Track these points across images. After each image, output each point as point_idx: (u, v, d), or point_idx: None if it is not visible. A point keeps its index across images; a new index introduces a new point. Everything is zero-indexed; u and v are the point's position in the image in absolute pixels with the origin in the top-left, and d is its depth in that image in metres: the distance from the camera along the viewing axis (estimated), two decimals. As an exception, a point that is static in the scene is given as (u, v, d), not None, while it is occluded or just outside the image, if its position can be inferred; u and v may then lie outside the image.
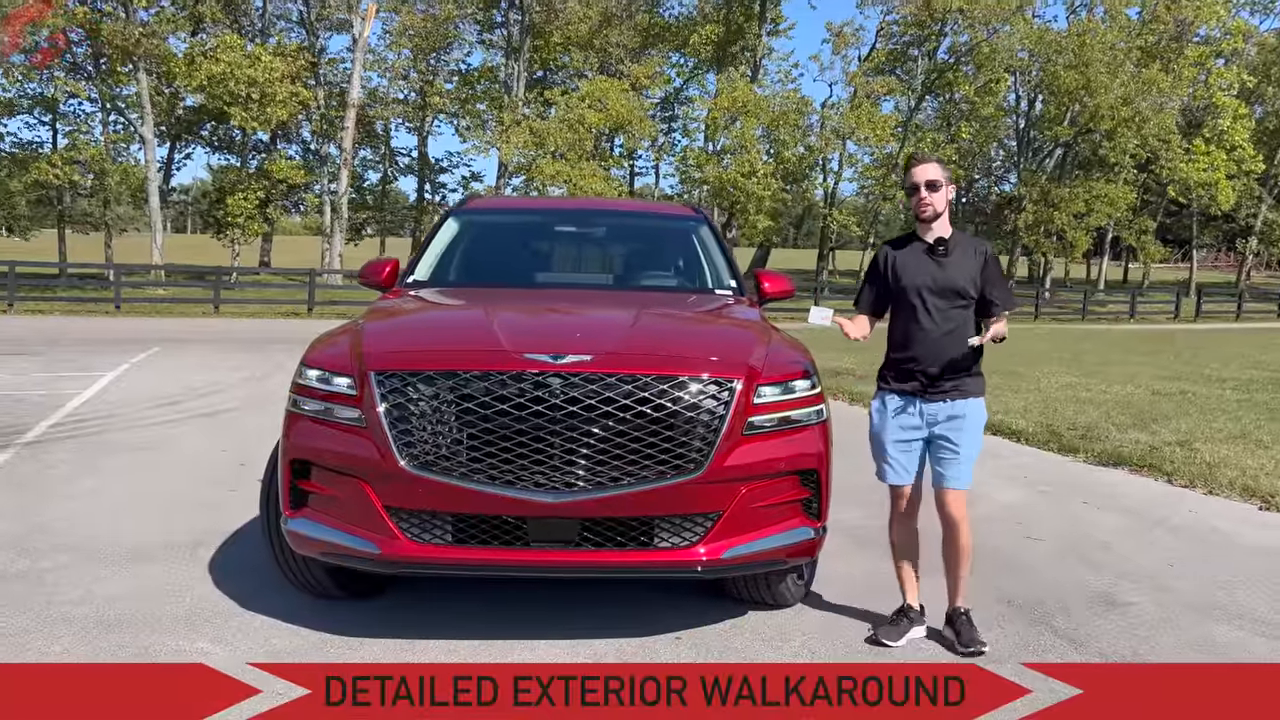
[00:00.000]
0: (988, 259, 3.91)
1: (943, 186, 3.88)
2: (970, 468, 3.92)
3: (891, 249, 4.07)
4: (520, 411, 3.45)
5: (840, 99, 42.26)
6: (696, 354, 3.77)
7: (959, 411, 3.88)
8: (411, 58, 41.56)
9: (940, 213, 3.90)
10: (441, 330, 4.26)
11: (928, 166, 3.90)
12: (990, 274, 3.89)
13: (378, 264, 5.22)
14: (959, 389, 3.89)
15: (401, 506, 3.53)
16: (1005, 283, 3.97)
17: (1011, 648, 3.96)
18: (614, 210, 6.84)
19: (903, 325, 3.94)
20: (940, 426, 3.89)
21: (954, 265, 3.87)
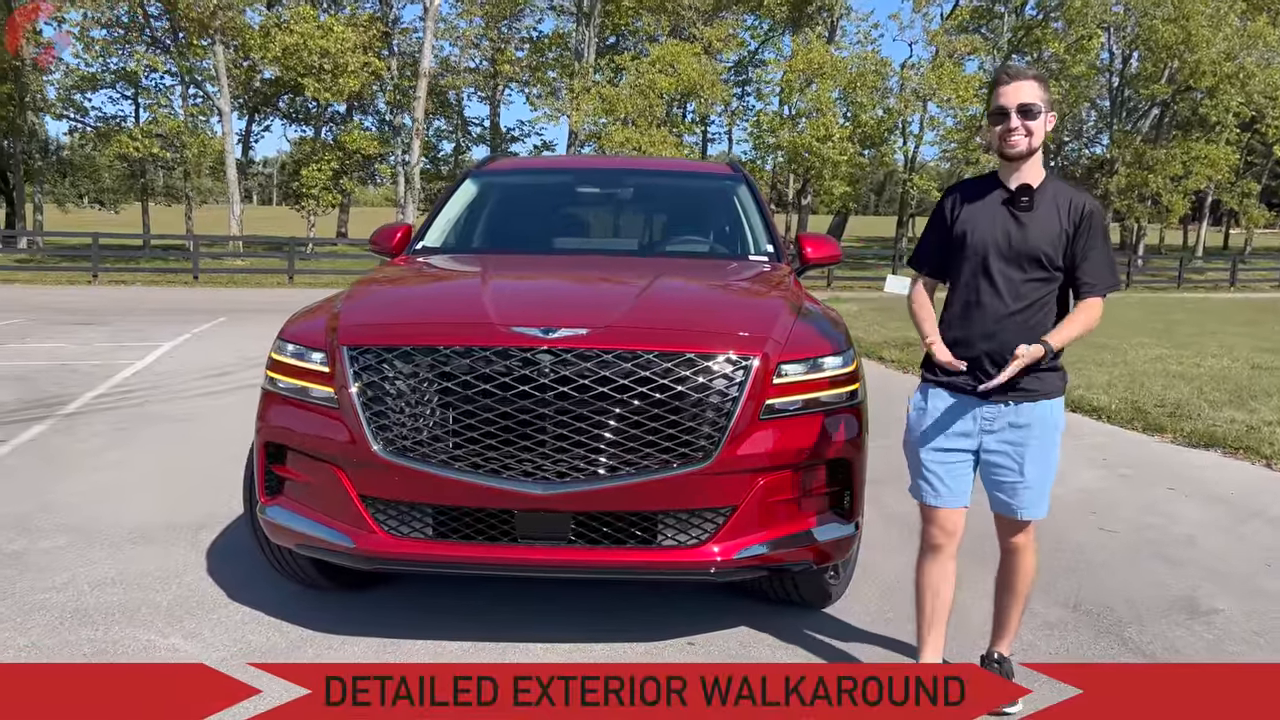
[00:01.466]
0: (1085, 219, 2.90)
1: (1041, 114, 2.88)
2: (1044, 494, 3.04)
3: (961, 193, 3.09)
4: (506, 392, 3.07)
5: (921, 59, 40.72)
6: (707, 327, 3.33)
7: (1025, 419, 2.96)
8: (483, 25, 41.32)
9: (1034, 149, 2.92)
10: (425, 301, 3.87)
11: (1023, 85, 2.87)
12: (1087, 242, 2.91)
13: (389, 229, 4.90)
14: (1027, 389, 2.95)
15: (378, 496, 3.20)
16: (1107, 256, 2.96)
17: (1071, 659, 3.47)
18: (644, 169, 6.19)
19: (962, 297, 3.02)
20: (998, 437, 2.99)
21: (1037, 223, 2.92)
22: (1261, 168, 48.47)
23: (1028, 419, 2.97)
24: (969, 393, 2.98)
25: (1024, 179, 2.96)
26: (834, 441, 3.30)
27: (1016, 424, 2.98)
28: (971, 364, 2.96)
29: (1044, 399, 2.98)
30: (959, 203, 3.07)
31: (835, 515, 3.35)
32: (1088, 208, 2.95)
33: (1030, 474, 2.99)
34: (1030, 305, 2.95)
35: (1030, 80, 2.90)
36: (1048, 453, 3.00)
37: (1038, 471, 2.99)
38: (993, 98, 2.96)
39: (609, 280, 4.04)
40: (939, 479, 3.05)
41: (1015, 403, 2.97)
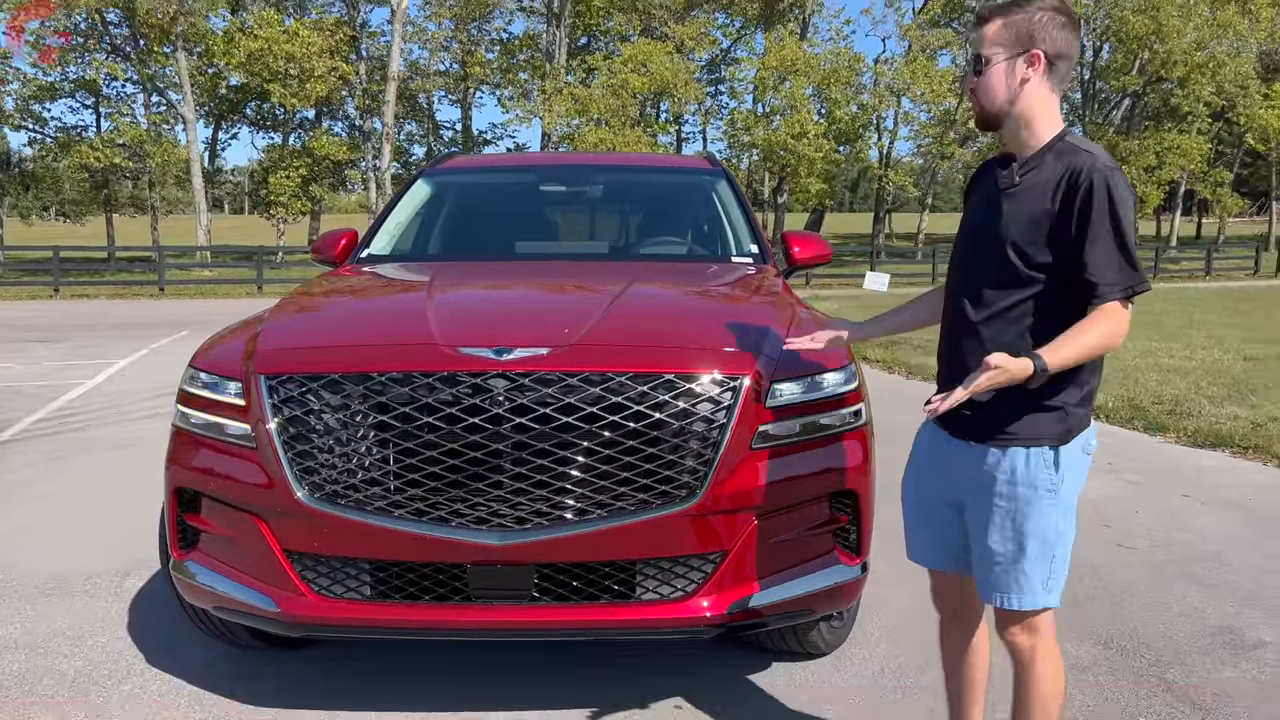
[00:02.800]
0: (1079, 190, 2.08)
1: (997, 61, 2.18)
2: (1033, 573, 2.21)
3: (976, 175, 2.48)
4: (453, 425, 2.60)
5: (894, 54, 40.47)
6: (687, 342, 2.86)
7: (996, 469, 2.20)
8: (452, 28, 40.74)
9: (990, 111, 2.22)
10: (359, 319, 3.35)
11: (979, 32, 2.24)
12: (1086, 223, 2.08)
13: (333, 236, 4.41)
14: (999, 429, 2.20)
15: (305, 551, 2.71)
16: (1119, 241, 2.08)
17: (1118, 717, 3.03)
18: (615, 165, 5.69)
19: (944, 304, 2.42)
20: (966, 490, 2.29)
21: (1014, 205, 2.19)
22: (1232, 157, 48.59)
23: (992, 470, 2.21)
24: (945, 428, 2.35)
25: (1014, 148, 2.26)
26: (838, 470, 2.85)
27: (979, 476, 2.24)
28: (942, 391, 2.30)
29: (1020, 446, 2.19)
30: (971, 188, 2.46)
31: (841, 556, 2.90)
32: (1086, 172, 2.08)
33: (996, 546, 2.22)
34: (994, 317, 2.20)
35: (993, 20, 2.20)
36: (1022, 521, 2.19)
37: (1004, 545, 2.21)
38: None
39: (575, 289, 3.57)
40: (912, 529, 2.51)
41: (978, 445, 2.24)
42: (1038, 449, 2.19)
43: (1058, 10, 2.18)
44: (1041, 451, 2.19)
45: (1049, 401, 2.18)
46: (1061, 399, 2.19)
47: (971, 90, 2.25)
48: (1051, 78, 2.20)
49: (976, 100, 2.25)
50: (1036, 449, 2.19)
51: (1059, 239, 2.13)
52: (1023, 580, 2.21)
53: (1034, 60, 2.17)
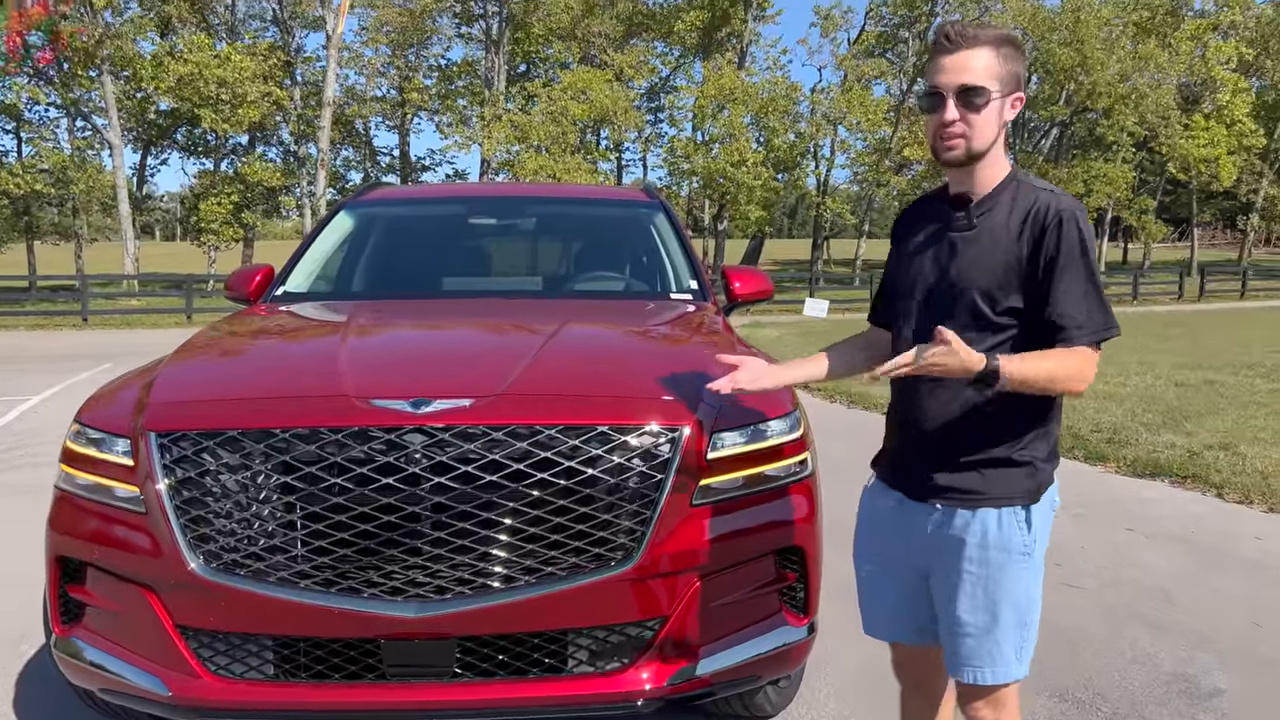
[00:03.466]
0: (1049, 229, 1.94)
1: (993, 100, 1.97)
2: (1005, 644, 2.06)
3: (908, 216, 2.27)
4: (365, 486, 2.37)
5: (830, 83, 41.12)
6: (623, 391, 2.66)
7: (958, 533, 2.05)
8: (389, 54, 40.40)
9: (977, 153, 2.01)
10: (265, 368, 3.06)
11: (969, 56, 1.96)
12: (1055, 263, 1.94)
13: (247, 272, 4.15)
14: (962, 488, 2.04)
15: (201, 627, 2.45)
16: (1088, 283, 1.95)
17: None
18: (548, 197, 5.41)
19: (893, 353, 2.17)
20: (928, 555, 2.13)
21: (975, 249, 2.01)
22: (1155, 185, 50.10)
23: (960, 534, 2.04)
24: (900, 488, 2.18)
25: (965, 187, 2.07)
26: (784, 525, 2.67)
27: (945, 540, 2.07)
28: (893, 455, 2.20)
29: (989, 505, 2.02)
30: (904, 229, 2.24)
31: (789, 616, 2.71)
32: (1054, 211, 1.94)
33: (966, 616, 2.05)
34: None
35: (983, 47, 1.96)
36: (995, 588, 2.03)
37: (976, 615, 2.04)
38: (927, 72, 2.04)
39: (503, 331, 3.35)
40: (868, 602, 2.32)
41: (943, 507, 2.06)
42: (1009, 509, 2.04)
43: (1021, 49, 2.05)
44: (1013, 511, 2.04)
45: (1018, 456, 2.04)
46: (1030, 453, 2.05)
47: (947, 123, 1.99)
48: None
49: (965, 136, 1.99)
50: (1008, 509, 2.04)
51: (1029, 282, 1.98)
52: (995, 652, 2.06)
53: (1017, 104, 2.03)
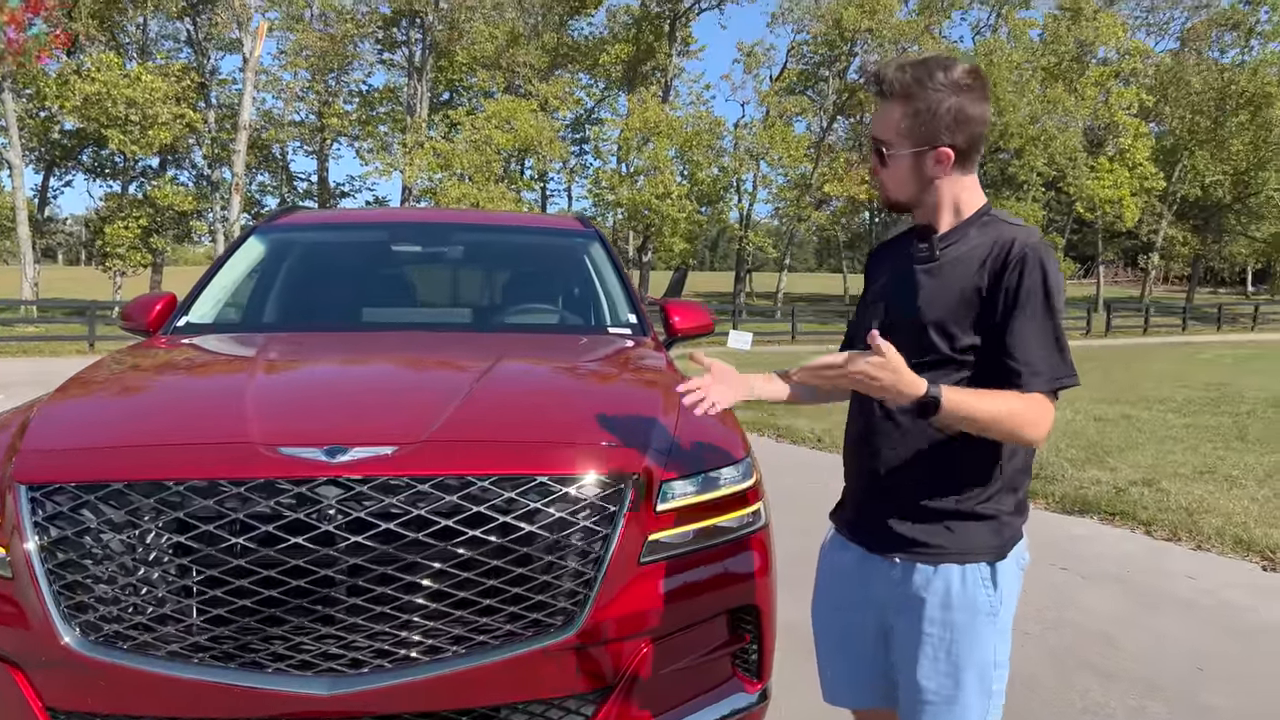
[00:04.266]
0: (1009, 265, 1.81)
1: (901, 154, 1.89)
2: (969, 712, 1.90)
3: (878, 252, 2.16)
4: (271, 546, 2.09)
5: (753, 119, 41.67)
6: (564, 436, 2.43)
7: (918, 589, 1.89)
8: (309, 78, 39.64)
9: (901, 201, 1.95)
10: (159, 410, 2.66)
11: (886, 109, 1.89)
12: (1013, 301, 1.80)
13: (147, 300, 3.81)
14: (922, 543, 1.89)
15: (75, 709, 2.13)
16: (1048, 327, 1.80)
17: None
18: (477, 224, 5.03)
19: (852, 396, 2.06)
20: (890, 613, 1.96)
21: (936, 282, 1.90)
22: (1063, 224, 51.88)
23: (920, 591, 1.88)
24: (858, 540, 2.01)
25: (929, 220, 1.95)
26: (737, 582, 2.46)
27: (906, 598, 1.90)
28: (852, 506, 2.04)
29: (951, 561, 1.87)
30: (873, 267, 2.14)
31: (742, 681, 2.50)
32: (1018, 247, 1.81)
33: (926, 681, 1.89)
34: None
35: (889, 101, 1.88)
36: (959, 651, 1.87)
37: (937, 680, 1.88)
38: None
39: (430, 369, 3.08)
40: (828, 666, 2.13)
41: (903, 561, 1.90)
42: (973, 565, 1.88)
43: (966, 88, 1.86)
44: (978, 568, 1.88)
45: (982, 509, 1.88)
46: (995, 506, 1.89)
47: (873, 171, 1.98)
48: (966, 162, 1.91)
49: (882, 186, 1.96)
50: (972, 565, 1.88)
51: (986, 320, 1.83)
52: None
53: (942, 158, 1.88)
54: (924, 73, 1.85)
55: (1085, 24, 43.58)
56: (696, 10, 40.70)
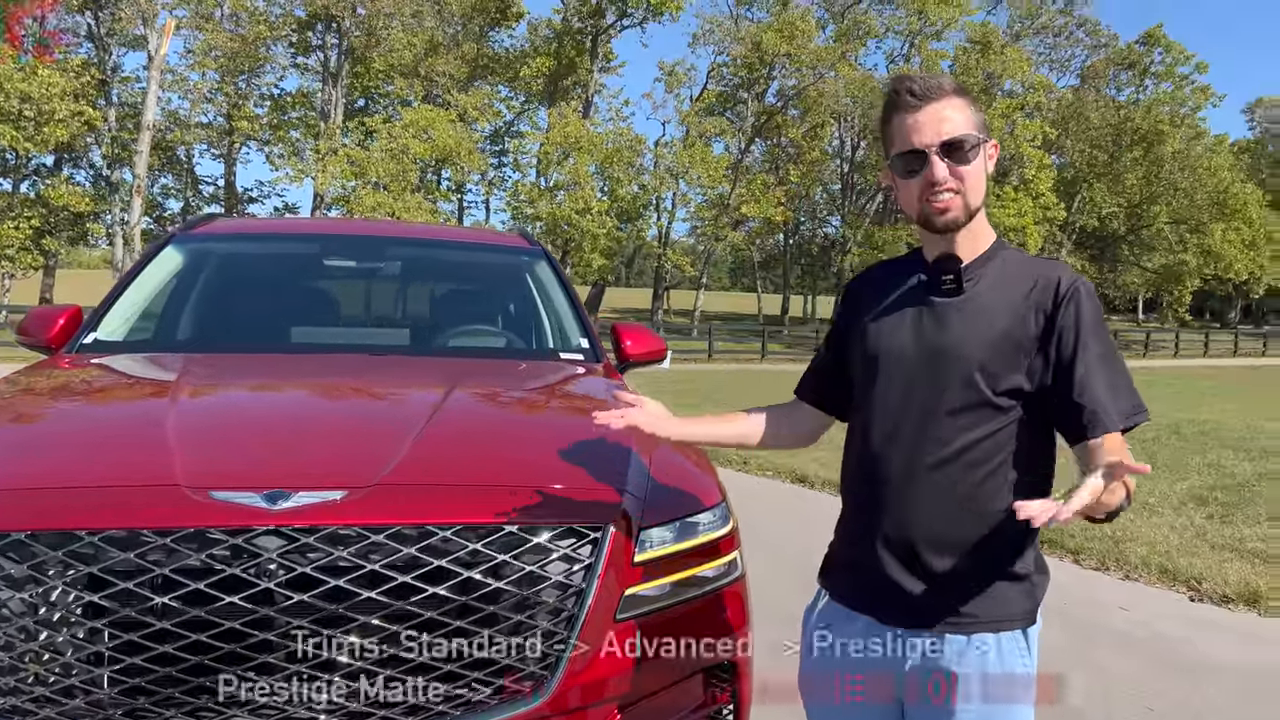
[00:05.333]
0: (1066, 302, 1.70)
1: (978, 146, 1.74)
2: None
3: (866, 283, 1.96)
4: (199, 607, 1.82)
5: (674, 138, 41.88)
6: (534, 480, 2.20)
7: (954, 663, 1.73)
8: (218, 79, 38.35)
9: (976, 209, 1.76)
10: (66, 445, 2.30)
11: (942, 108, 1.72)
12: (1077, 341, 1.68)
13: (48, 314, 3.44)
14: (962, 612, 1.73)
15: (-40, 801, 1.83)
16: (1113, 367, 1.70)
17: None
18: (417, 238, 4.63)
19: (859, 445, 1.86)
20: (908, 692, 1.80)
21: (969, 315, 1.74)
22: (970, 250, 53.49)
23: (953, 665, 1.73)
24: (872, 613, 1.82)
25: (951, 249, 1.79)
26: (716, 638, 2.26)
27: (943, 670, 1.74)
28: (870, 564, 1.80)
29: (987, 630, 1.73)
30: (862, 298, 1.92)
31: (717, 748, 2.31)
32: (1067, 284, 1.71)
33: None
34: (953, 459, 1.71)
35: (950, 98, 1.74)
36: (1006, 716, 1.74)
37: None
38: (894, 135, 1.77)
39: (376, 399, 2.82)
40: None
41: (947, 634, 1.73)
42: (1009, 633, 1.73)
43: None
44: (1014, 636, 1.74)
45: (1016, 570, 1.73)
46: (1025, 566, 1.76)
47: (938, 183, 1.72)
48: None
49: (959, 193, 1.73)
50: (1008, 633, 1.73)
51: (1038, 361, 1.70)
52: None
53: (993, 153, 1.80)
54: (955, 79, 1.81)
55: (993, 57, 45.06)
56: (619, 28, 40.76)
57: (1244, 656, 4.65)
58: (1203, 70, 53.58)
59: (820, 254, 56.74)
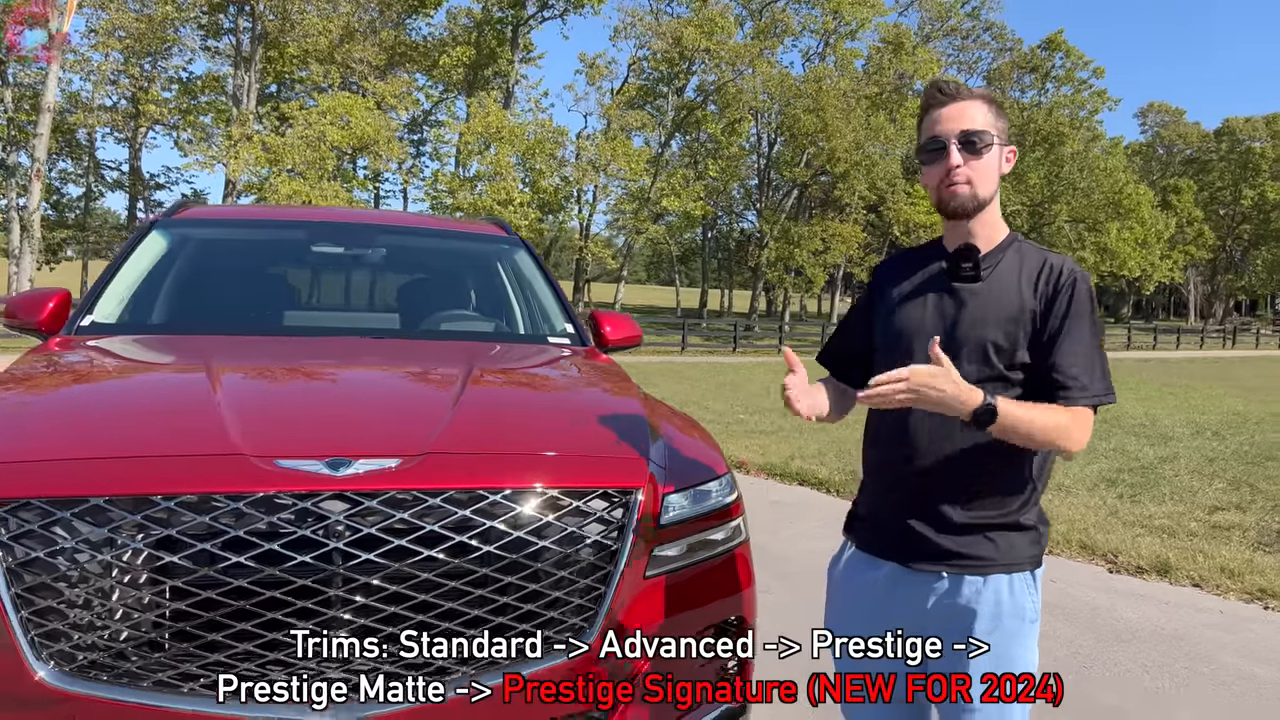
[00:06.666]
0: (1062, 289, 1.94)
1: (993, 146, 1.99)
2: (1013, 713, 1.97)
3: (890, 268, 2.19)
4: (269, 566, 1.95)
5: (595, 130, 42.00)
6: (570, 448, 2.39)
7: (967, 601, 1.96)
8: (123, 61, 37.03)
9: (983, 200, 1.99)
10: (125, 419, 2.39)
11: (966, 107, 1.98)
12: (1065, 323, 1.93)
13: (35, 297, 3.46)
14: (970, 555, 1.96)
15: (38, 753, 1.91)
16: (1094, 347, 1.94)
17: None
18: (395, 226, 4.70)
19: (877, 415, 2.10)
20: (934, 630, 2.00)
21: (985, 299, 1.98)
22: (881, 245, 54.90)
23: (971, 601, 1.95)
24: (891, 556, 2.03)
25: (968, 240, 2.03)
26: (727, 594, 2.48)
27: (953, 609, 1.96)
28: (889, 511, 2.04)
29: (1000, 572, 1.96)
30: (886, 282, 2.16)
31: (726, 693, 2.51)
32: (1067, 272, 1.96)
33: (979, 692, 1.95)
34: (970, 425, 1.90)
35: (976, 100, 1.99)
36: (1010, 657, 1.96)
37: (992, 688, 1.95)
38: (923, 127, 2.04)
39: (402, 377, 2.95)
40: (850, 690, 2.12)
41: (949, 574, 1.96)
42: (1019, 574, 1.98)
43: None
44: (1024, 577, 1.99)
45: (1023, 520, 1.99)
46: (1033, 518, 2.01)
47: (953, 168, 1.96)
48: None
49: (966, 186, 1.97)
50: (1019, 574, 1.98)
51: (1036, 337, 1.95)
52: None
53: (1010, 157, 2.04)
54: (988, 89, 2.02)
55: (905, 57, 46.36)
56: (540, 19, 40.65)
57: (1162, 621, 5.06)
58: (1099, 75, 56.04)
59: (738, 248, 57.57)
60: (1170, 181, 65.97)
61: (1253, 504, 7.88)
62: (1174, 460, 10.05)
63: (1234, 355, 41.03)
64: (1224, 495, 8.25)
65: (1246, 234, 68.79)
